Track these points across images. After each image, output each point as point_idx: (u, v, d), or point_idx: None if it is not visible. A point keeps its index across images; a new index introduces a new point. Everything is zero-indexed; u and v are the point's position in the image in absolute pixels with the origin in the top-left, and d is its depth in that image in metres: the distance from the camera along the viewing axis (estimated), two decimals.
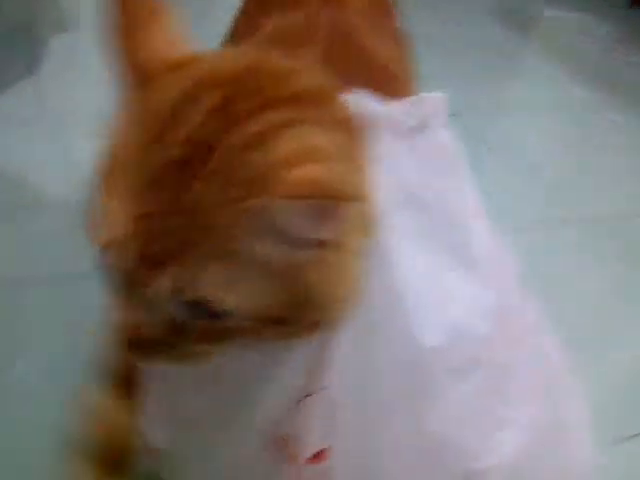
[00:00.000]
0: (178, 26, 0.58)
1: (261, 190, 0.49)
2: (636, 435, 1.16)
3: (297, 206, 0.49)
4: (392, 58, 0.90)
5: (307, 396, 0.65)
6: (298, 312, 0.55)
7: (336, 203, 0.49)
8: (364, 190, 0.56)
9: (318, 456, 0.68)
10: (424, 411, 0.65)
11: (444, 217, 0.69)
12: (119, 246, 0.51)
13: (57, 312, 1.14)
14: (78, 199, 0.54)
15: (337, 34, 0.85)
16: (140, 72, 0.55)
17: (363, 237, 0.58)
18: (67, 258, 1.19)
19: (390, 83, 0.85)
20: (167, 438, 0.74)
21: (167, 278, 0.51)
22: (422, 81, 0.95)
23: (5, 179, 1.44)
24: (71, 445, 0.79)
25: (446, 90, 0.71)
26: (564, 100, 2.35)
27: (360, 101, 0.64)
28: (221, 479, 0.75)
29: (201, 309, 0.52)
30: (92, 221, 0.53)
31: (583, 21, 2.87)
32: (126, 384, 0.77)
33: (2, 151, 1.51)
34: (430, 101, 0.70)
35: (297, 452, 0.67)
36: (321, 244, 0.53)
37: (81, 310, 1.05)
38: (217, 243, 0.50)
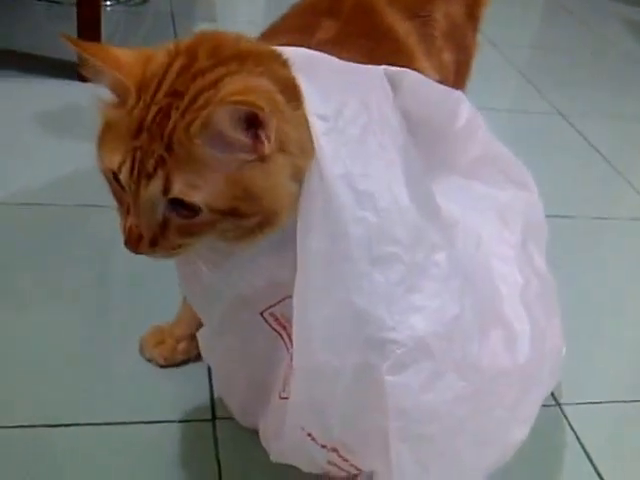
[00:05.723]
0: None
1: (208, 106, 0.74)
2: None
3: (229, 110, 0.73)
4: (410, 35, 1.10)
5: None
6: (245, 205, 0.78)
7: (259, 113, 0.72)
8: (290, 120, 0.79)
9: None
10: (352, 288, 0.83)
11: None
12: (123, 169, 0.77)
13: None
14: None
15: (360, 9, 1.08)
16: (122, 66, 0.79)
17: (297, 160, 0.80)
18: None
19: (401, 54, 1.07)
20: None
21: (156, 184, 0.76)
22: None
23: None
24: None
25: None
26: None
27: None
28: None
29: (179, 205, 0.77)
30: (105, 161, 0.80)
31: None
32: None
33: None
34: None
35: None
36: (258, 153, 0.76)
37: None
38: (184, 155, 0.75)
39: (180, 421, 1.12)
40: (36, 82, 1.92)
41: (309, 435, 0.91)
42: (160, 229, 0.79)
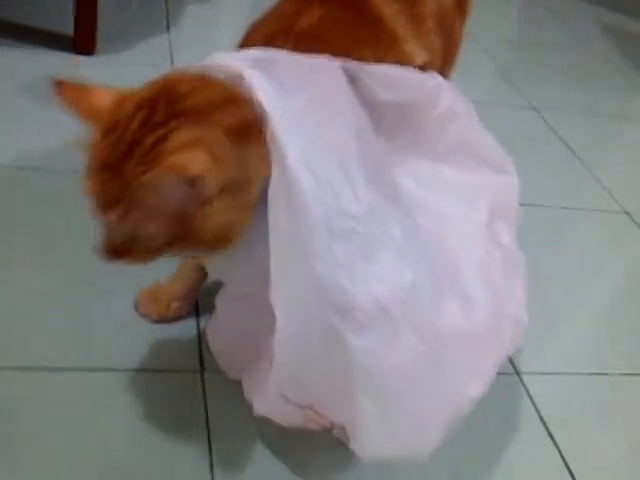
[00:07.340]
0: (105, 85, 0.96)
1: (154, 167, 0.86)
2: None
3: (169, 174, 0.85)
4: (397, 17, 1.16)
5: None
6: (188, 239, 0.92)
7: (195, 175, 0.84)
8: (226, 172, 0.89)
9: None
10: (315, 260, 0.92)
11: None
12: (91, 196, 0.91)
13: None
14: None
15: None
16: (93, 112, 0.93)
17: (244, 195, 0.92)
18: None
19: (384, 38, 1.14)
20: None
21: (112, 214, 0.90)
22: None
23: None
24: None
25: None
26: None
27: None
28: None
29: (132, 233, 0.92)
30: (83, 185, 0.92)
31: None
32: None
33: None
34: None
35: None
36: (196, 202, 0.88)
37: None
38: (136, 196, 0.88)
39: (169, 370, 1.20)
40: (31, 52, 1.95)
41: (286, 398, 1.01)
42: (120, 248, 0.94)
